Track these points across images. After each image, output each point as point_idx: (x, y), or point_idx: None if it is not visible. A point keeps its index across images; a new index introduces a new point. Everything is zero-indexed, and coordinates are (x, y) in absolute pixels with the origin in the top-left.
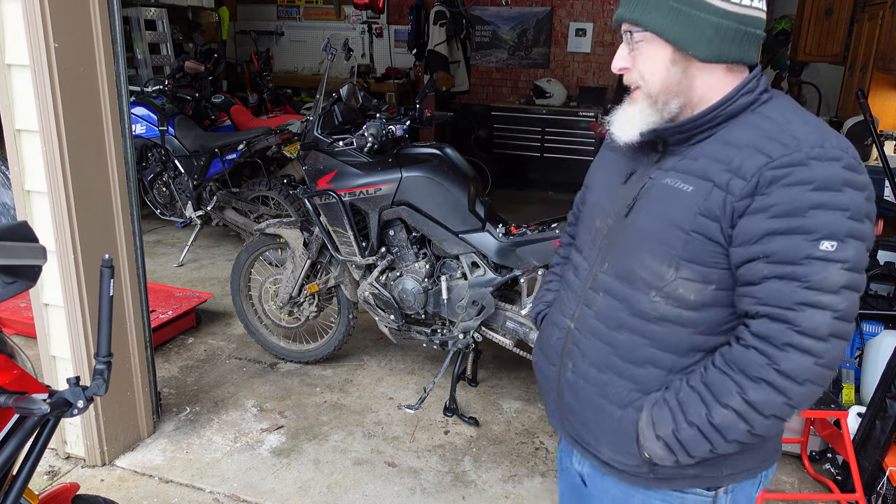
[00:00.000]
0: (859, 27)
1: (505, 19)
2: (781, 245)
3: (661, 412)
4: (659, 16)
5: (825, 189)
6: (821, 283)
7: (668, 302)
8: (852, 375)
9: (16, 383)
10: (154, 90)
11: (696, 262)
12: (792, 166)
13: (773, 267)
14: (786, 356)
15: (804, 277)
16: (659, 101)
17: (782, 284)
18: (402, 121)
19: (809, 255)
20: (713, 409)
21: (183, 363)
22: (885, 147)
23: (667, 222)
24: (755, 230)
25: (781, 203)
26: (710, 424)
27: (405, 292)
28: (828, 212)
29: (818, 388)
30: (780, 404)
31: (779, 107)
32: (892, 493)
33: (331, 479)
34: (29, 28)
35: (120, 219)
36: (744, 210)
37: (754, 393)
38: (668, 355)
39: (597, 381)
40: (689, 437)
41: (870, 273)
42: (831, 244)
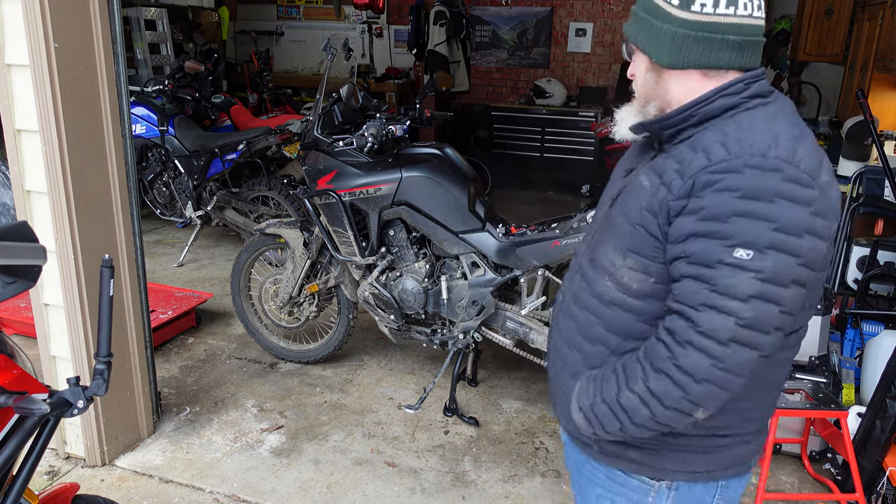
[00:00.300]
0: (859, 27)
1: (505, 19)
2: (699, 247)
3: (587, 386)
4: (636, 28)
5: (752, 198)
6: (727, 289)
7: (617, 288)
8: (852, 375)
9: (16, 383)
10: (154, 90)
11: (639, 253)
12: (727, 172)
13: (689, 267)
14: (684, 353)
15: (712, 280)
16: (639, 104)
17: (693, 284)
18: (402, 121)
19: (721, 260)
20: (622, 391)
21: (183, 363)
22: (885, 147)
23: (624, 213)
24: (682, 230)
25: (708, 207)
26: (618, 404)
27: (405, 292)
28: (750, 220)
29: (720, 390)
30: (678, 398)
31: (762, 114)
32: (892, 493)
33: (331, 479)
34: (29, 28)
35: (120, 219)
36: (679, 210)
37: (655, 383)
38: (614, 337)
39: (562, 354)
40: (602, 412)
41: (870, 273)
42: (747, 253)
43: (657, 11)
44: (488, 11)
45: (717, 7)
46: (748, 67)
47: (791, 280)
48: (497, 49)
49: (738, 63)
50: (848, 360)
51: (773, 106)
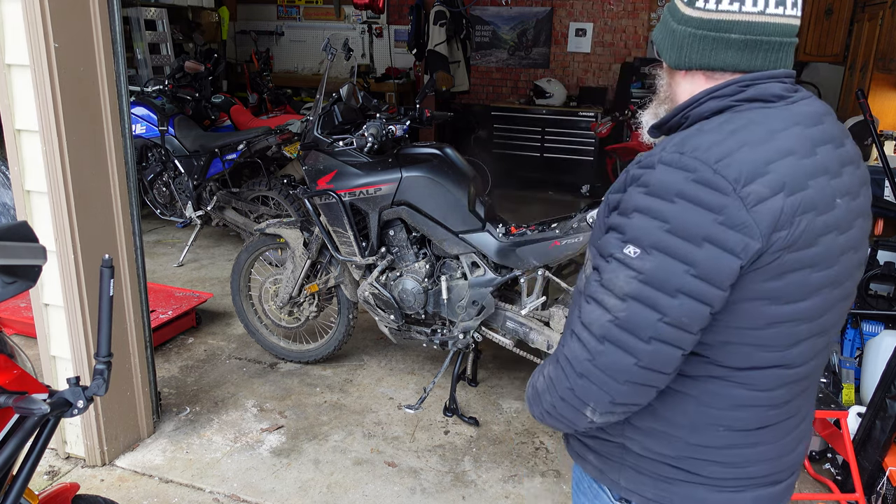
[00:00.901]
0: (859, 27)
1: (505, 19)
2: (606, 239)
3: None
4: (659, 29)
5: (654, 195)
6: (609, 283)
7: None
8: (852, 375)
9: (16, 383)
10: (154, 90)
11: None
12: (646, 168)
13: (594, 259)
14: (568, 342)
15: (602, 273)
16: (654, 106)
17: (591, 274)
18: (402, 121)
19: (613, 255)
20: (542, 372)
21: (183, 363)
22: (885, 147)
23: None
24: (607, 224)
25: (623, 202)
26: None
27: (405, 292)
28: (644, 217)
29: (599, 391)
30: (565, 388)
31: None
32: (892, 493)
33: (331, 479)
34: (29, 28)
35: (120, 219)
36: (616, 204)
37: (551, 368)
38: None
39: None
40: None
41: (870, 273)
42: (634, 250)
43: (673, 10)
44: (488, 11)
45: (719, 3)
46: (755, 68)
47: (676, 289)
48: (497, 49)
49: (744, 65)
50: (848, 360)
51: (772, 110)
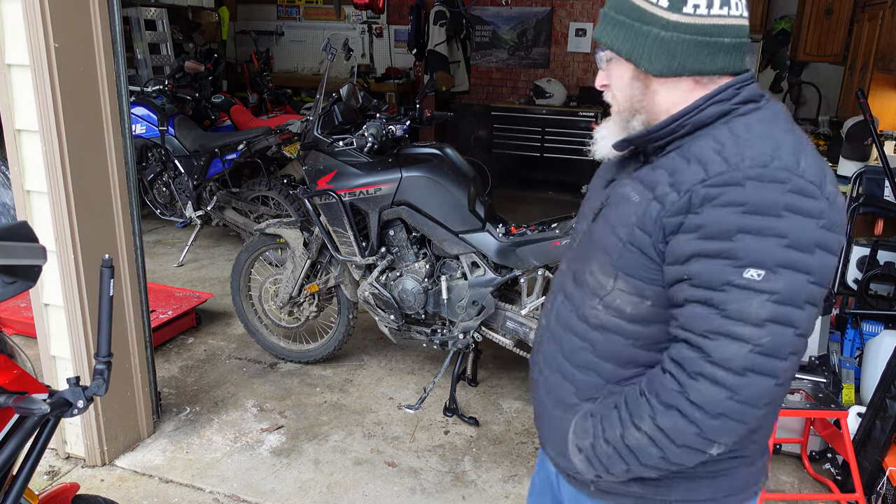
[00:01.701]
0: (859, 27)
1: (505, 19)
2: (705, 268)
3: (585, 424)
4: (615, 33)
5: (758, 213)
6: (739, 313)
7: (608, 311)
8: (852, 375)
9: (16, 383)
10: (154, 90)
11: (631, 274)
12: (726, 185)
13: (694, 290)
14: (695, 385)
15: (721, 305)
16: (622, 118)
17: (700, 309)
18: (402, 121)
19: (730, 282)
20: (627, 429)
21: (183, 363)
22: (885, 147)
23: (611, 230)
24: (684, 250)
25: (710, 224)
26: (624, 445)
27: (405, 292)
28: (758, 238)
29: (738, 424)
30: (691, 434)
31: (756, 120)
32: (892, 493)
33: (331, 479)
34: (29, 28)
35: (120, 219)
36: (675, 228)
37: (664, 419)
38: (607, 364)
39: (548, 381)
40: (606, 454)
41: (870, 273)
42: (757, 273)
43: (642, 14)
44: (488, 11)
45: (710, 8)
46: (739, 71)
47: (804, 300)
48: (497, 49)
49: (732, 67)
50: (848, 360)
51: (766, 111)
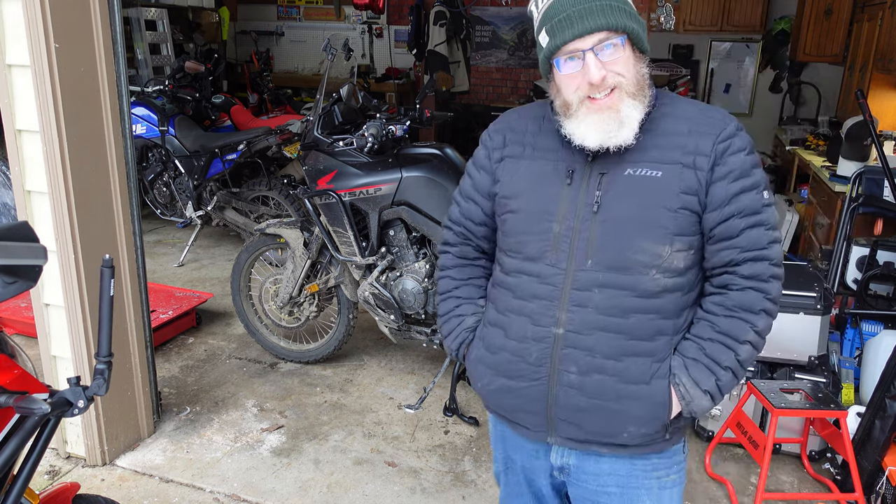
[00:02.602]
0: (859, 27)
1: (505, 19)
2: (747, 200)
3: (699, 370)
4: (627, 19)
5: (752, 152)
6: (773, 223)
7: (666, 275)
8: (852, 375)
9: (16, 383)
10: (154, 90)
11: (684, 233)
12: (730, 138)
13: (747, 219)
14: (770, 286)
15: (766, 222)
16: (639, 94)
17: (756, 231)
18: (402, 121)
19: (763, 203)
20: (738, 349)
21: (183, 363)
22: (885, 147)
23: (649, 206)
24: (725, 193)
25: (736, 168)
26: (738, 362)
27: (405, 292)
28: (757, 169)
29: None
30: (770, 323)
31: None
32: (891, 493)
33: (331, 478)
34: (29, 28)
35: (120, 219)
36: (710, 180)
37: (760, 321)
38: (669, 321)
39: (615, 370)
40: (727, 379)
41: (869, 273)
42: (767, 192)
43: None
44: (488, 11)
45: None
46: None
47: None
48: (497, 49)
49: None
50: (847, 359)
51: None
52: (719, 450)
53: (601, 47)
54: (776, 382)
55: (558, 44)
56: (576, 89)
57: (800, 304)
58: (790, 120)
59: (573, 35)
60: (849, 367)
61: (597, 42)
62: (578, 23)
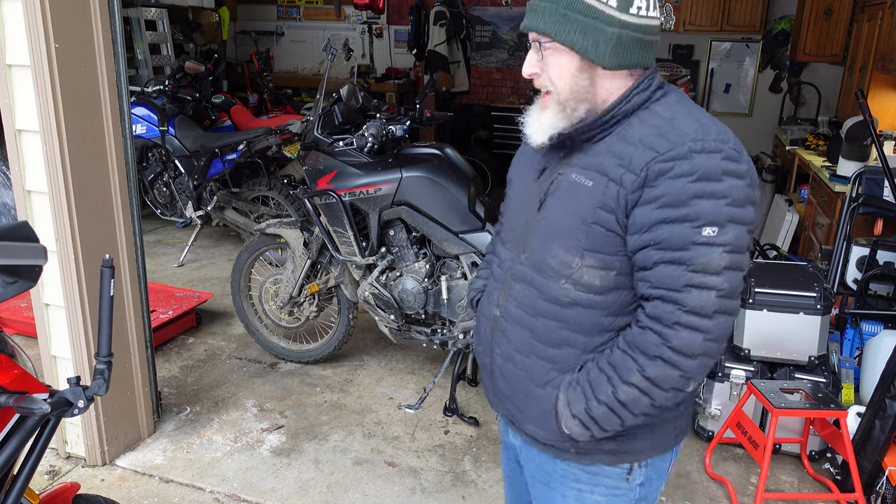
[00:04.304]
0: (859, 27)
1: (505, 19)
2: (669, 232)
3: (575, 392)
4: (566, 28)
5: (705, 179)
6: (704, 266)
7: (577, 288)
8: (852, 375)
9: (16, 383)
10: (154, 90)
11: (598, 251)
12: (676, 160)
13: (663, 253)
14: (675, 334)
15: (690, 261)
16: (568, 107)
17: (671, 269)
18: (402, 121)
19: (694, 241)
20: (618, 387)
21: (183, 363)
22: (885, 147)
23: (571, 215)
24: (646, 220)
25: (668, 194)
26: (616, 401)
27: (405, 292)
28: (708, 200)
29: (711, 360)
30: (676, 378)
31: (669, 103)
32: (891, 493)
33: (331, 478)
34: (29, 28)
35: (120, 219)
36: (636, 201)
37: (652, 369)
38: (581, 336)
39: (522, 365)
40: (600, 413)
41: (869, 273)
42: (713, 230)
43: (595, 12)
44: (488, 11)
45: (648, 10)
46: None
47: (745, 246)
48: (497, 49)
49: (652, 61)
50: (847, 359)
51: (673, 94)
52: (719, 450)
53: (537, 46)
54: (776, 382)
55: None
56: None
57: (800, 304)
58: (790, 120)
59: (523, 26)
60: (849, 367)
61: (533, 40)
62: (528, 16)
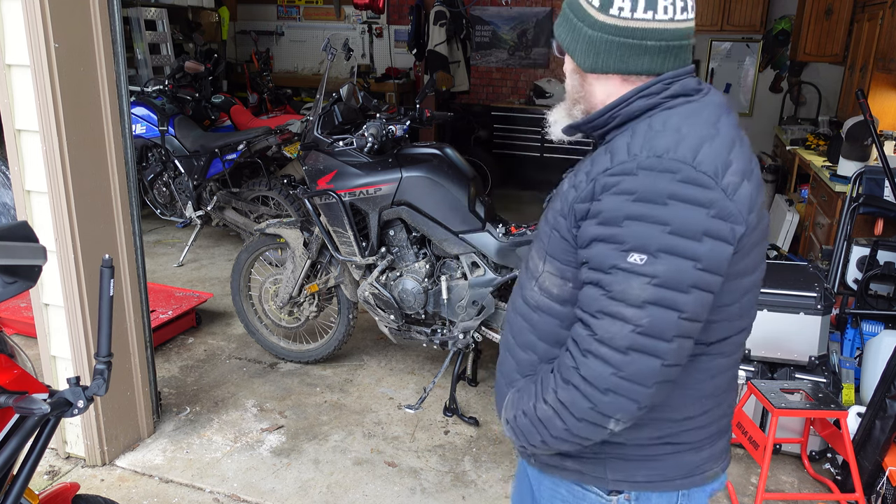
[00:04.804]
0: (859, 27)
1: (505, 19)
2: (597, 252)
3: (513, 397)
4: (562, 27)
5: (645, 201)
6: (622, 295)
7: (542, 293)
8: (852, 375)
9: (16, 383)
10: (154, 90)
11: (555, 257)
12: (623, 175)
13: (589, 273)
14: (585, 362)
15: (608, 286)
16: (568, 106)
17: (592, 290)
18: (402, 121)
19: (616, 265)
20: (538, 402)
21: (183, 363)
22: (885, 147)
23: (545, 218)
24: (586, 235)
25: (605, 211)
26: (536, 417)
27: (405, 292)
28: (643, 224)
29: (627, 401)
30: (586, 408)
31: (678, 113)
32: (891, 493)
33: (331, 478)
34: (29, 28)
35: (120, 219)
36: (584, 214)
37: (563, 393)
38: (542, 344)
39: (502, 359)
40: (523, 424)
41: (870, 273)
42: (640, 257)
43: (579, 11)
44: (488, 11)
45: (634, 11)
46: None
47: (689, 285)
48: (497, 49)
49: (658, 68)
50: (848, 359)
51: (696, 104)
52: None
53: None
54: (776, 382)
55: None
56: None
57: (800, 304)
58: (790, 120)
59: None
60: (849, 367)
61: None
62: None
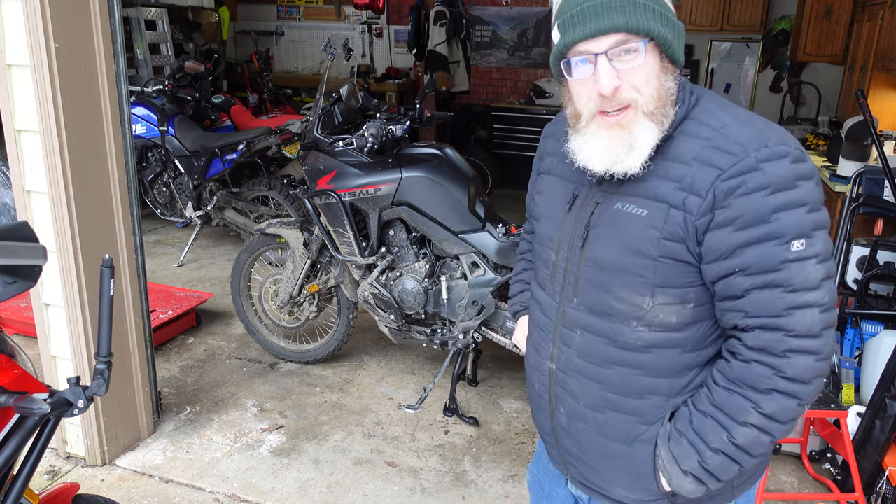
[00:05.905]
0: (859, 27)
1: (505, 19)
2: (756, 255)
3: (681, 446)
4: (654, 21)
5: (781, 190)
6: (803, 283)
7: (653, 328)
8: (852, 375)
9: (16, 383)
10: (154, 90)
11: (671, 285)
12: (744, 174)
13: (754, 278)
14: (788, 363)
15: (786, 282)
16: (658, 114)
17: (767, 293)
18: (402, 121)
19: (785, 259)
20: (733, 430)
21: (183, 363)
22: (885, 147)
23: (629, 251)
24: (725, 245)
25: (744, 213)
26: (734, 446)
27: (405, 292)
28: (789, 212)
29: (823, 379)
30: (793, 408)
31: (709, 109)
32: (891, 493)
33: (331, 478)
34: (29, 28)
35: (120, 219)
36: (707, 226)
37: (768, 405)
38: (664, 380)
39: (595, 422)
40: (717, 463)
41: (869, 273)
42: (801, 242)
43: (662, 3)
44: (488, 11)
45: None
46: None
47: (831, 250)
48: (497, 49)
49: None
50: (848, 359)
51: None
52: None
53: (617, 52)
54: None
55: (567, 43)
56: (587, 99)
57: None
58: (790, 120)
59: (584, 34)
60: (849, 367)
61: (612, 45)
62: (592, 20)
